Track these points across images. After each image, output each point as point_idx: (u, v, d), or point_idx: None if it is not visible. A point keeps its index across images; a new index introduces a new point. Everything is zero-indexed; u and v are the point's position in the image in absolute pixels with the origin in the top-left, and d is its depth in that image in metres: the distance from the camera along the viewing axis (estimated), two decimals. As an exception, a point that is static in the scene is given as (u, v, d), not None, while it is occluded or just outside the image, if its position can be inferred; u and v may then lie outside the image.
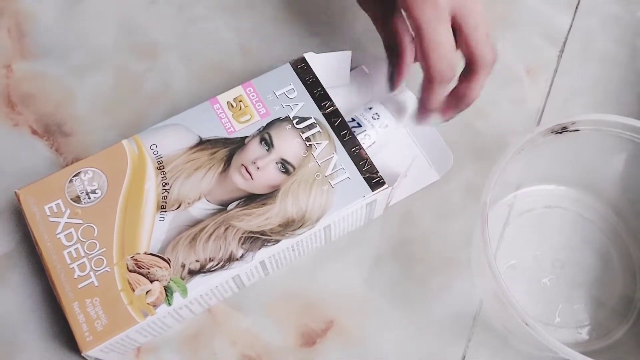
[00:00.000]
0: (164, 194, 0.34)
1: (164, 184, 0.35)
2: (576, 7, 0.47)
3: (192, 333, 0.36)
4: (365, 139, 0.38)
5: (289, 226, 0.34)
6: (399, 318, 0.37)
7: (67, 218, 0.34)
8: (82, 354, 0.32)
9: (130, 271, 0.33)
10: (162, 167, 0.35)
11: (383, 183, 0.35)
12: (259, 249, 0.34)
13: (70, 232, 0.33)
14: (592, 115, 0.34)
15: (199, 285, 0.33)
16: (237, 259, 0.33)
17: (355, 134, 0.37)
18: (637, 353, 0.35)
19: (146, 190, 0.34)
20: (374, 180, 0.35)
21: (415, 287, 0.38)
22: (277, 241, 0.34)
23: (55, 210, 0.34)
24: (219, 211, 0.34)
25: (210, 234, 0.34)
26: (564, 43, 0.46)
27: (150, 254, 0.33)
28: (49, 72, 0.43)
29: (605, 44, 0.46)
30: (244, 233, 0.34)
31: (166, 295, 0.32)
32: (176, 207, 0.34)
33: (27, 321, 0.36)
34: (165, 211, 0.34)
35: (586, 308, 0.37)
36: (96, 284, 0.32)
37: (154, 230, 0.34)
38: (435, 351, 0.36)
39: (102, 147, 0.36)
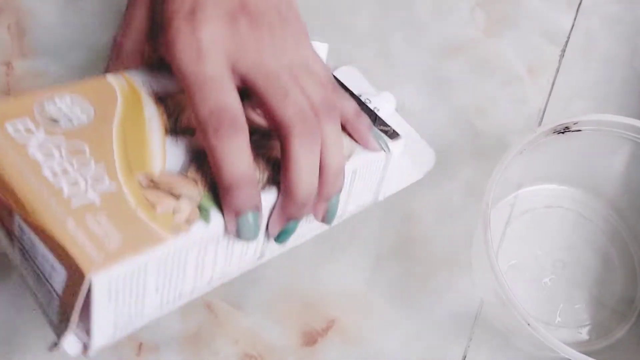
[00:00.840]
0: (172, 121, 0.28)
1: (168, 114, 0.28)
2: (578, 7, 0.47)
3: (193, 332, 0.36)
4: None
5: None
6: (400, 317, 0.37)
7: (45, 135, 0.24)
8: (88, 277, 0.20)
9: (145, 188, 0.24)
10: (162, 100, 0.28)
11: (398, 134, 0.33)
12: None
13: (50, 150, 0.24)
14: (594, 115, 0.34)
15: None
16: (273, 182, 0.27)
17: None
18: (637, 353, 0.35)
19: (147, 118, 0.27)
20: (388, 132, 0.33)
21: (416, 287, 0.38)
22: None
23: (22, 129, 0.24)
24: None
25: None
26: (566, 43, 0.46)
27: (170, 174, 0.25)
28: (49, 70, 0.43)
29: (607, 43, 0.46)
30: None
31: (200, 213, 0.24)
32: (191, 133, 0.27)
33: (26, 320, 0.36)
34: (177, 135, 0.27)
35: (587, 308, 0.37)
36: (98, 203, 0.23)
37: (167, 152, 0.26)
38: (436, 350, 0.36)
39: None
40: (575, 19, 0.47)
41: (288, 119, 0.25)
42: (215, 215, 0.25)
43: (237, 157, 0.25)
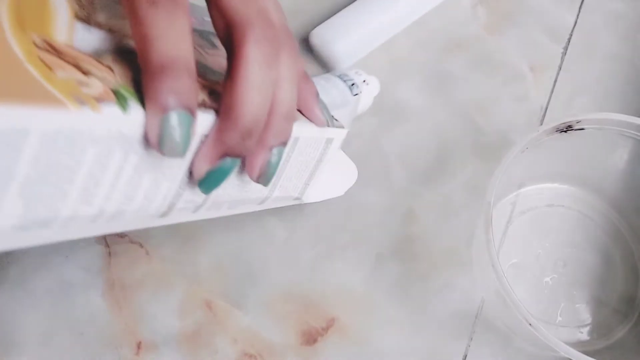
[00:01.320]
0: (83, 13, 0.23)
1: (80, 5, 0.23)
2: (581, 4, 0.47)
3: (192, 331, 0.36)
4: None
5: None
6: (400, 316, 0.37)
7: None
8: None
9: (39, 48, 0.19)
10: None
11: (342, 126, 0.32)
12: None
13: None
14: (597, 114, 0.33)
15: None
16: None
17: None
18: (638, 353, 0.34)
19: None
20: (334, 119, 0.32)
21: (416, 285, 0.37)
22: None
23: None
24: None
25: None
26: (568, 40, 0.45)
27: (75, 49, 0.20)
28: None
29: (609, 41, 0.45)
30: None
31: (117, 99, 0.19)
32: (106, 30, 0.23)
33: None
34: (89, 25, 0.22)
35: (588, 307, 0.37)
36: None
37: (76, 33, 0.21)
38: (436, 350, 0.36)
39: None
40: (578, 15, 0.46)
41: (247, 17, 0.20)
42: (134, 108, 0.19)
43: (174, 33, 0.19)
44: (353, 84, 0.39)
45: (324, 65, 0.43)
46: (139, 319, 0.36)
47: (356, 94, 0.39)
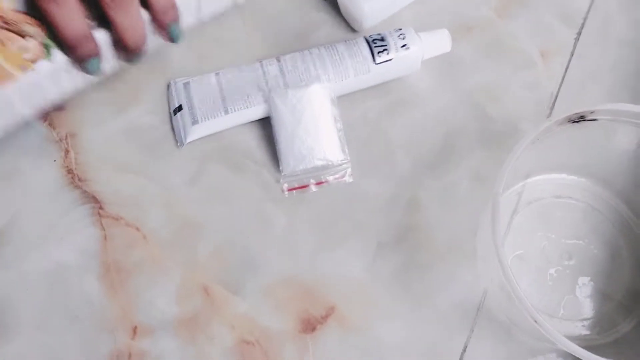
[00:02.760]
0: None
1: None
2: (596, -12, 0.45)
3: (189, 317, 0.36)
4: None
5: None
6: (400, 306, 0.36)
7: None
8: None
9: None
10: None
11: None
12: None
13: None
14: (611, 104, 0.32)
15: None
16: None
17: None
18: (642, 349, 0.34)
19: None
20: None
21: (418, 275, 0.37)
22: None
23: None
24: None
25: None
26: (582, 25, 0.44)
27: (17, 11, 0.31)
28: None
29: (624, 27, 0.44)
30: None
31: (45, 51, 0.31)
32: None
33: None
34: None
35: (592, 301, 0.36)
36: None
37: None
38: (437, 341, 0.36)
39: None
40: (592, 0, 0.45)
41: None
42: (57, 56, 0.32)
43: (71, 19, 0.29)
44: (383, 50, 0.38)
45: (352, 23, 0.42)
46: (135, 303, 0.36)
47: (382, 62, 0.38)
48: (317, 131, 0.38)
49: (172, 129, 0.40)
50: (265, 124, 0.40)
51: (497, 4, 0.44)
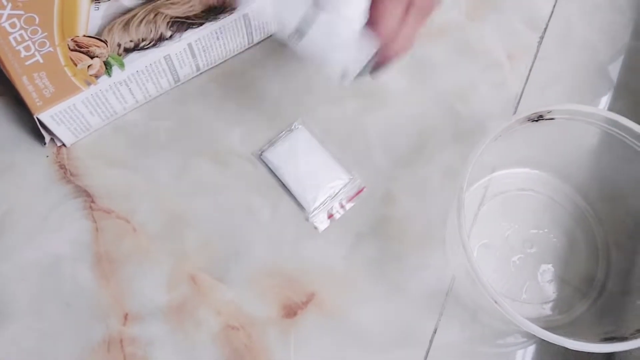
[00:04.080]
0: None
1: None
2: (558, -6, 0.48)
3: (177, 303, 0.38)
4: None
5: (210, 12, 0.39)
6: (376, 292, 0.39)
7: (10, 10, 0.38)
8: (35, 116, 0.37)
9: (71, 50, 0.38)
10: None
11: None
12: (185, 30, 0.39)
13: (14, 21, 0.38)
14: (567, 105, 0.35)
15: (134, 60, 0.38)
16: (167, 39, 0.39)
17: None
18: (595, 328, 0.37)
19: None
20: None
21: (392, 264, 0.39)
22: (201, 24, 0.39)
23: None
24: (148, 1, 0.40)
25: (142, 20, 0.39)
26: (545, 29, 0.47)
27: (89, 37, 0.38)
28: None
29: (584, 31, 0.47)
30: (171, 18, 0.39)
31: (106, 68, 0.38)
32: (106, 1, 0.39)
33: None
34: (99, 2, 0.39)
35: (551, 286, 0.39)
36: (41, 61, 0.38)
37: (90, 18, 0.38)
38: (409, 323, 0.38)
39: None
40: (554, 5, 0.47)
41: None
42: (116, 72, 0.38)
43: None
44: None
45: None
46: (126, 291, 0.38)
47: None
48: (316, 164, 0.41)
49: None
50: (247, 119, 0.42)
51: (467, 8, 0.47)
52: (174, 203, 0.40)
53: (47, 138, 0.39)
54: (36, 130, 0.39)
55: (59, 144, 0.40)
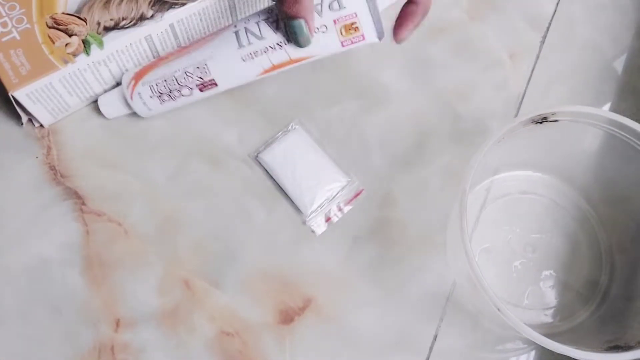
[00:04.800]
0: None
1: None
2: (561, -7, 0.47)
3: (170, 309, 0.37)
4: None
5: None
6: (375, 297, 0.38)
7: None
8: (10, 94, 0.36)
9: (50, 27, 0.37)
10: None
11: None
12: (167, 10, 0.38)
13: None
14: (571, 106, 0.34)
15: (114, 39, 0.37)
16: (148, 18, 0.38)
17: None
18: (599, 335, 0.36)
19: None
20: None
21: (391, 268, 0.39)
22: (183, 4, 0.38)
23: None
24: None
25: None
26: (547, 29, 0.46)
27: (68, 14, 0.38)
28: None
29: (587, 31, 0.46)
30: None
31: (84, 47, 0.37)
32: None
33: None
34: None
35: (554, 291, 0.38)
36: (18, 38, 0.37)
37: None
38: (409, 330, 0.37)
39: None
40: (557, 4, 0.47)
41: None
42: (95, 51, 0.37)
43: None
44: None
45: None
46: (117, 296, 0.37)
47: None
48: (313, 166, 0.40)
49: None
50: (243, 119, 0.41)
51: (468, 7, 0.46)
52: (167, 205, 0.39)
53: (25, 118, 0.39)
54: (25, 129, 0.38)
55: (37, 124, 0.39)
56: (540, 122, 0.35)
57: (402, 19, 0.35)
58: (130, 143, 0.40)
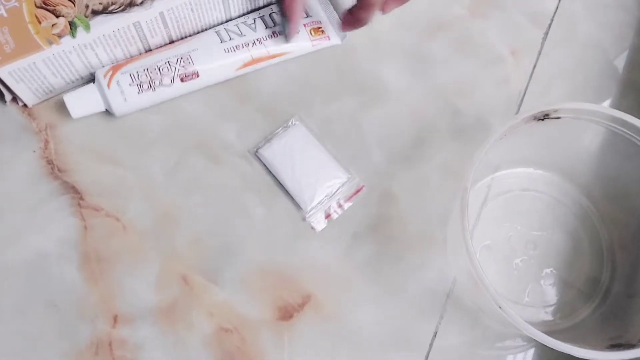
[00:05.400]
0: None
1: None
2: (563, -11, 0.47)
3: (168, 305, 0.36)
4: None
5: None
6: (374, 294, 0.38)
7: None
8: None
9: (37, 7, 0.37)
10: None
11: None
12: None
13: None
14: (574, 103, 0.34)
15: (101, 24, 0.37)
16: (137, 5, 0.37)
17: None
18: (600, 333, 0.36)
19: None
20: None
21: (391, 265, 0.38)
22: None
23: None
24: None
25: None
26: (549, 25, 0.46)
27: None
28: None
29: (589, 28, 0.46)
30: None
31: (70, 29, 0.37)
32: None
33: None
34: None
35: (554, 288, 0.38)
36: (5, 15, 0.37)
37: None
38: (408, 327, 0.37)
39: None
40: (559, 1, 0.46)
41: None
42: (81, 34, 0.37)
43: None
44: None
45: None
46: (115, 292, 0.36)
47: None
48: (313, 162, 0.39)
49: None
50: (242, 114, 0.41)
51: (469, 3, 0.46)
52: (165, 201, 0.39)
53: (8, 97, 0.39)
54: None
55: (20, 103, 0.39)
56: (542, 119, 0.35)
57: None
58: (128, 138, 0.40)
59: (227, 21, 0.42)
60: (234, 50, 0.40)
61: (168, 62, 0.38)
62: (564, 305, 0.38)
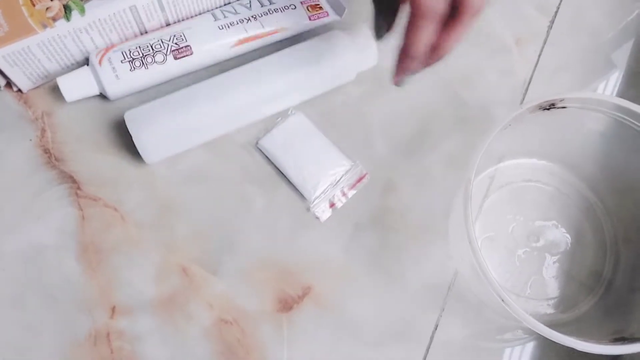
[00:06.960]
0: None
1: None
2: (570, -23, 0.46)
3: (167, 296, 0.36)
4: None
5: None
6: (375, 286, 0.37)
7: None
8: None
9: None
10: None
11: None
12: None
13: None
14: (580, 93, 0.34)
15: (97, 7, 0.36)
16: None
17: None
18: (602, 326, 0.36)
19: None
20: None
21: (392, 256, 0.38)
22: None
23: None
24: None
25: None
26: (555, 14, 0.45)
27: None
28: None
29: (595, 17, 0.45)
30: None
31: (65, 12, 0.36)
32: None
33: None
34: None
35: (557, 281, 0.38)
36: None
37: None
38: (409, 319, 0.37)
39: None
40: (566, -11, 0.46)
41: None
42: (76, 17, 0.36)
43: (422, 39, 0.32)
44: None
45: None
46: (113, 283, 0.36)
47: None
48: (315, 151, 0.39)
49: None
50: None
51: (474, -10, 0.45)
52: (164, 191, 0.38)
53: (3, 82, 0.38)
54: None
55: (15, 89, 0.39)
56: (548, 109, 0.34)
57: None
58: (126, 127, 0.39)
59: (225, 5, 0.41)
60: (228, 27, 0.39)
61: (161, 39, 0.38)
62: (566, 298, 0.38)
